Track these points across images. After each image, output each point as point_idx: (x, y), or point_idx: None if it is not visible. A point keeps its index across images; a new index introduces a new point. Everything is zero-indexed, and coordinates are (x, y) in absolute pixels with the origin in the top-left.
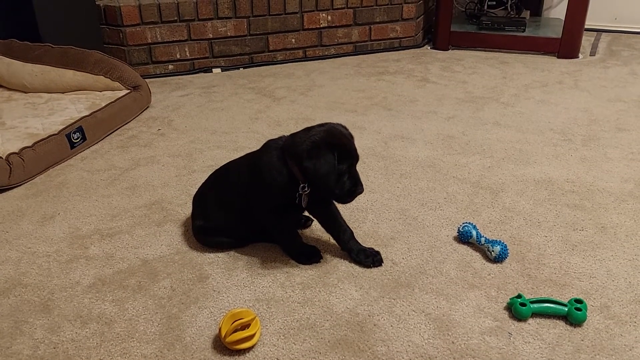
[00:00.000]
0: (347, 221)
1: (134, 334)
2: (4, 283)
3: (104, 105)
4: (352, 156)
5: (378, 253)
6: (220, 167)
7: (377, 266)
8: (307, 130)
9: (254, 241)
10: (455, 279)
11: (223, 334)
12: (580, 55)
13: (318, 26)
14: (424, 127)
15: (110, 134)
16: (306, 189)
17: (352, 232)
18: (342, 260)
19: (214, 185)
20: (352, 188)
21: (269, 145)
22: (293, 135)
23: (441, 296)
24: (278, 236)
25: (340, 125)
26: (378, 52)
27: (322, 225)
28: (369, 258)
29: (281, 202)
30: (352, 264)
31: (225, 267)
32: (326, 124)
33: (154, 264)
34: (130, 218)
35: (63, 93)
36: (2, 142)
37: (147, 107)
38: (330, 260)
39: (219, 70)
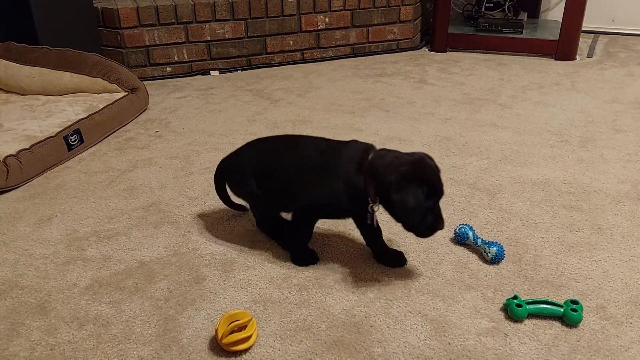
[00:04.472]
0: (345, 226)
1: (130, 335)
2: (0, 285)
3: (101, 107)
4: (438, 193)
5: (401, 253)
6: (290, 138)
7: (401, 266)
8: (397, 157)
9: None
10: (452, 280)
11: (220, 335)
12: (577, 57)
13: (316, 28)
14: (421, 129)
15: (108, 136)
16: (376, 208)
17: (381, 232)
18: (338, 262)
19: (273, 151)
20: (434, 224)
21: (351, 155)
22: (381, 156)
23: (438, 297)
24: (296, 232)
25: (427, 156)
26: (376, 54)
27: (358, 226)
28: (394, 258)
29: (332, 213)
30: (349, 266)
31: (222, 268)
32: (415, 153)
33: (151, 265)
34: (127, 220)
35: (61, 95)
36: None
37: (145, 110)
38: (327, 262)
39: (216, 72)
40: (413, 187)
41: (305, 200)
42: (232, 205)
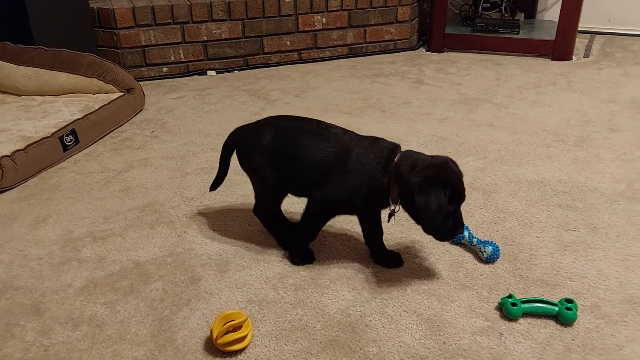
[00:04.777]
0: (341, 224)
1: (125, 336)
2: None
3: (97, 107)
4: (461, 197)
5: (398, 254)
6: (315, 123)
7: (398, 266)
8: (421, 159)
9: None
10: (447, 280)
11: (215, 335)
12: (574, 57)
13: (313, 28)
14: (417, 129)
15: (104, 136)
16: (397, 209)
17: (382, 233)
18: (334, 261)
19: (295, 132)
20: (454, 228)
21: (378, 154)
22: (407, 157)
23: (433, 297)
24: (307, 227)
25: (451, 160)
26: (373, 55)
27: (362, 223)
28: (392, 259)
29: (349, 209)
30: (344, 266)
31: (217, 269)
32: (439, 157)
33: (146, 266)
34: (122, 220)
35: (56, 96)
36: None
37: (141, 110)
38: (323, 262)
39: (213, 72)
40: (436, 191)
41: (324, 193)
42: (217, 180)
